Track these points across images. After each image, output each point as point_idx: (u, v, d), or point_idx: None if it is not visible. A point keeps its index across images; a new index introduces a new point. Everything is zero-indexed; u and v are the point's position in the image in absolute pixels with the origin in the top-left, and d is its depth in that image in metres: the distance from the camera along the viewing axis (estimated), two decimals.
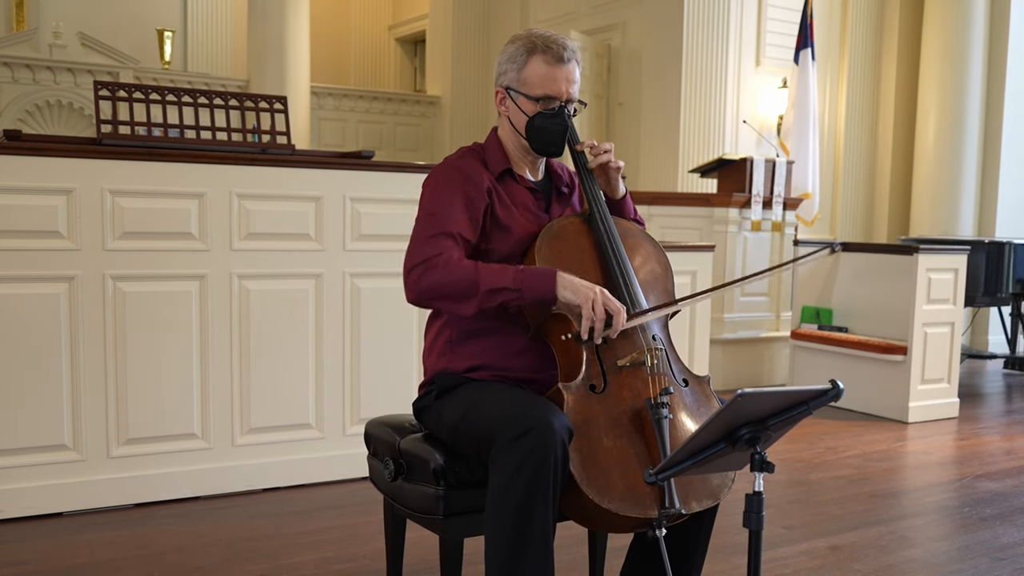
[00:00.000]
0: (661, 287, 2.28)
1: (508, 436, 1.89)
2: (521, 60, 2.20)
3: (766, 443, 1.68)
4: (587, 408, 2.00)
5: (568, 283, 2.02)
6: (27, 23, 9.37)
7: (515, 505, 1.87)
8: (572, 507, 1.97)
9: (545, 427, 1.86)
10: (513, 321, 2.17)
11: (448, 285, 2.07)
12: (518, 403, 1.98)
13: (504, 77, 2.24)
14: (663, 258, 2.33)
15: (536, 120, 2.20)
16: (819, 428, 5.14)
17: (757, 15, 7.99)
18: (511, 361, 2.18)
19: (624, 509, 1.89)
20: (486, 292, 2.04)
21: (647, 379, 2.07)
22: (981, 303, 6.77)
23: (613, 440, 1.98)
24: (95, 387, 3.41)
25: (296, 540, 3.18)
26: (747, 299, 6.31)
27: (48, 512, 3.35)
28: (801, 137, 7.16)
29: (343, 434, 3.87)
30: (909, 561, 3.15)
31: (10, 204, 3.23)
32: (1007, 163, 8.49)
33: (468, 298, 2.06)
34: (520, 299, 2.04)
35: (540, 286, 2.03)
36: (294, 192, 3.72)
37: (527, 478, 1.85)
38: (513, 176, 2.27)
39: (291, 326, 3.74)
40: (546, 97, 2.19)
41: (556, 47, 2.18)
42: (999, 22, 8.40)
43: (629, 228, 2.32)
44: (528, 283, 2.03)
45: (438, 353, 2.26)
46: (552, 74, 2.18)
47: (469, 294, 2.05)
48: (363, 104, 10.61)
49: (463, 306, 2.08)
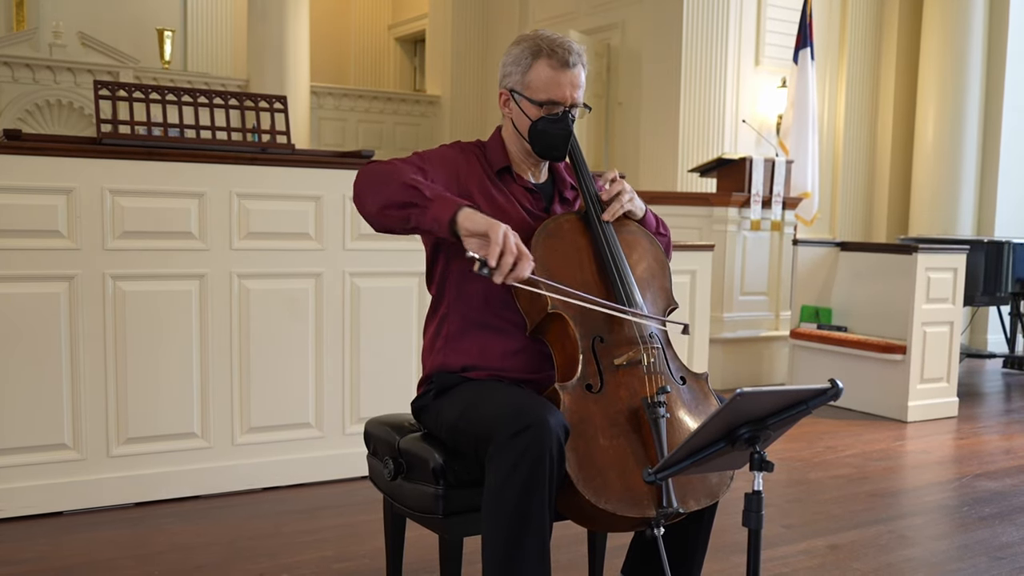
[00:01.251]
0: (658, 285, 2.27)
1: (505, 434, 1.88)
2: (526, 63, 2.17)
3: (765, 442, 1.68)
4: (584, 408, 2.00)
5: (474, 214, 1.92)
6: (27, 23, 9.37)
7: (511, 503, 1.87)
8: (569, 507, 1.97)
9: (541, 424, 1.86)
10: (511, 320, 2.17)
11: (384, 172, 2.02)
12: (515, 401, 1.97)
13: (508, 79, 2.21)
14: (660, 255, 2.32)
15: (539, 124, 2.17)
16: (818, 427, 5.14)
17: (756, 15, 8.00)
18: (507, 361, 2.17)
19: (621, 509, 1.89)
20: (400, 184, 1.97)
21: (644, 378, 2.06)
22: (980, 302, 6.78)
23: (610, 440, 1.97)
24: (95, 386, 3.41)
25: (296, 539, 3.19)
26: (746, 298, 6.32)
27: (47, 511, 3.35)
28: (800, 137, 7.16)
29: (343, 433, 3.87)
30: (908, 560, 3.16)
31: (10, 203, 3.23)
32: (1006, 162, 8.50)
33: (383, 184, 2.00)
34: (422, 214, 1.94)
35: (443, 205, 1.93)
36: (294, 192, 3.72)
37: (523, 476, 1.85)
38: (511, 175, 2.26)
39: (291, 325, 3.74)
40: (550, 102, 2.15)
41: (562, 51, 2.14)
42: (998, 21, 8.40)
43: (626, 225, 2.29)
44: (436, 199, 1.94)
45: (435, 349, 2.26)
46: (557, 79, 2.15)
47: (387, 180, 2.00)
48: (363, 104, 10.61)
49: (374, 196, 2.00)
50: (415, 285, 3.95)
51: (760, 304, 6.39)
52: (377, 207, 2.01)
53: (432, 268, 2.28)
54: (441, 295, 2.26)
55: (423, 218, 1.95)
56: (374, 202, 2.02)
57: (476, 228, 1.90)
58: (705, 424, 1.63)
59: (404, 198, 1.96)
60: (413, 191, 1.96)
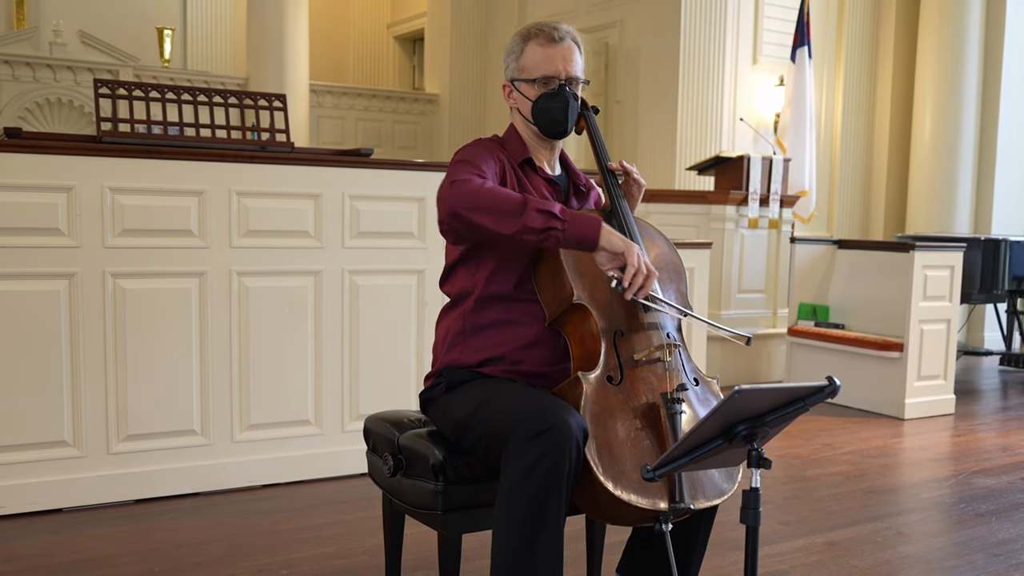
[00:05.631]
0: (675, 288, 2.31)
1: (524, 434, 1.89)
2: (519, 50, 2.27)
3: (763, 439, 1.69)
4: (605, 398, 2.02)
5: (611, 232, 2.03)
6: (27, 21, 9.36)
7: (527, 503, 1.87)
8: (584, 495, 1.98)
9: (562, 426, 1.87)
10: (529, 312, 2.19)
11: (493, 197, 2.03)
12: (534, 401, 1.98)
13: (508, 71, 2.31)
14: (677, 260, 2.37)
15: (539, 102, 2.24)
16: (816, 424, 5.16)
17: (754, 13, 8.01)
18: (523, 353, 2.18)
19: (636, 500, 1.91)
20: (535, 211, 2.00)
21: (662, 375, 2.09)
22: (977, 300, 6.80)
23: (628, 431, 2.00)
24: (95, 384, 3.42)
25: (295, 536, 3.20)
26: (744, 296, 6.33)
27: (48, 508, 3.36)
28: (798, 135, 7.17)
29: (342, 430, 3.88)
30: (905, 557, 3.17)
31: (10, 201, 3.24)
32: (1003, 160, 8.51)
33: (513, 215, 2.00)
34: (563, 233, 2.01)
35: (586, 225, 2.02)
36: (293, 189, 3.73)
37: (541, 477, 1.86)
38: (533, 167, 2.31)
39: (290, 323, 3.75)
40: (544, 78, 2.23)
41: (548, 29, 2.24)
42: (995, 19, 8.41)
43: (647, 228, 2.35)
44: (573, 220, 2.02)
45: (449, 345, 2.27)
46: (547, 54, 2.23)
47: (515, 211, 2.01)
48: (362, 102, 10.61)
49: (505, 222, 2.01)
50: (414, 283, 3.96)
51: (758, 302, 6.41)
52: (513, 231, 2.01)
53: (453, 270, 2.29)
54: (461, 297, 2.27)
55: (565, 239, 2.02)
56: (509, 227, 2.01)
57: (614, 248, 2.02)
58: (703, 421, 1.63)
59: (543, 224, 2.00)
60: (549, 217, 2.01)
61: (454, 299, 2.29)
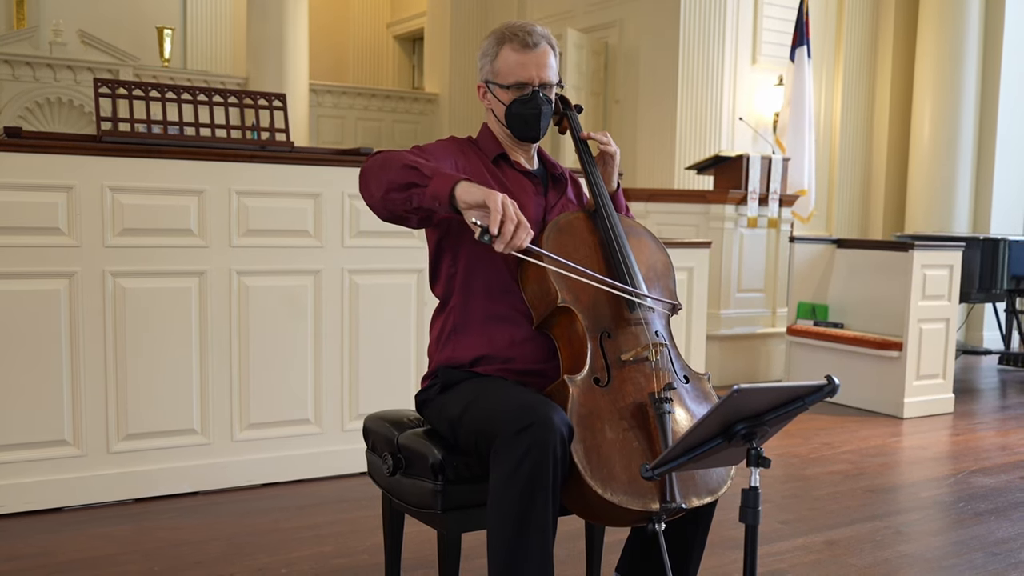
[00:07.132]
0: (663, 285, 2.31)
1: (509, 431, 1.90)
2: (493, 52, 2.26)
3: (762, 439, 1.69)
4: (592, 400, 2.02)
5: (471, 184, 1.93)
6: (27, 21, 9.36)
7: (515, 499, 1.88)
8: (574, 499, 1.98)
9: (545, 421, 1.87)
10: (518, 309, 2.19)
11: (378, 158, 2.05)
12: (519, 398, 1.99)
13: (482, 72, 2.31)
14: (665, 256, 2.37)
15: (513, 107, 2.24)
16: (815, 424, 5.16)
17: (753, 13, 8.01)
18: (514, 351, 2.19)
19: (626, 502, 1.91)
20: (401, 166, 1.98)
21: (650, 374, 2.09)
22: (976, 299, 6.80)
23: (616, 433, 1.99)
24: (95, 383, 3.42)
25: (295, 535, 3.20)
26: (743, 295, 6.34)
27: (48, 507, 3.37)
28: (797, 134, 7.17)
29: (342, 429, 3.88)
30: (904, 556, 3.17)
31: (11, 201, 3.25)
32: (1002, 160, 8.52)
33: (384, 169, 2.01)
34: (423, 192, 1.96)
35: (443, 181, 1.94)
36: (293, 189, 3.73)
37: (527, 472, 1.86)
38: (508, 161, 2.31)
39: (290, 322, 3.76)
40: (518, 84, 2.23)
41: (522, 34, 2.23)
42: (994, 19, 8.41)
43: (633, 226, 2.35)
44: (438, 177, 1.96)
45: (442, 344, 2.28)
46: (521, 60, 2.22)
47: (387, 165, 2.01)
48: (362, 101, 10.61)
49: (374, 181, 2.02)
50: (413, 282, 3.96)
51: (757, 301, 6.41)
52: (381, 192, 2.02)
53: (436, 268, 2.30)
54: (448, 293, 2.28)
55: (424, 196, 1.96)
56: (377, 188, 2.03)
57: (474, 199, 1.91)
58: (702, 420, 1.63)
59: (405, 179, 1.98)
60: (413, 171, 1.98)
61: (443, 299, 2.31)
